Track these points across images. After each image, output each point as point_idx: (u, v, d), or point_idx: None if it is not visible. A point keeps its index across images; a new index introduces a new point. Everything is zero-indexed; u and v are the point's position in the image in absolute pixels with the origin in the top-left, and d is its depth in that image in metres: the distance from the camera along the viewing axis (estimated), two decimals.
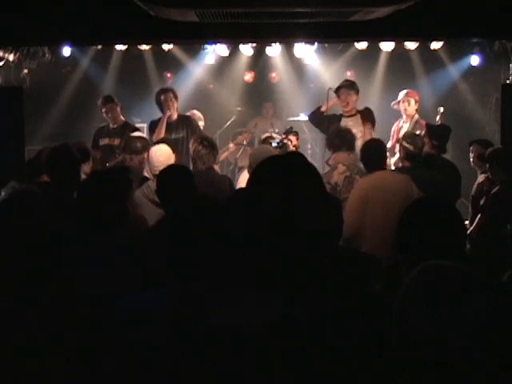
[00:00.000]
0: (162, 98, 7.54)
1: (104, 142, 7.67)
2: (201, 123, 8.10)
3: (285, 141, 6.52)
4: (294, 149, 6.60)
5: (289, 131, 6.84)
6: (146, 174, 6.06)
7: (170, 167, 4.52)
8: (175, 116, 7.56)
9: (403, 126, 8.03)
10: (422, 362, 1.63)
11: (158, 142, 6.34)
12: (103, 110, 7.66)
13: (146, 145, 6.31)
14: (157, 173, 4.89)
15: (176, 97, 7.61)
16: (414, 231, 2.53)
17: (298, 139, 6.96)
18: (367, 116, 7.65)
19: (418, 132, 7.01)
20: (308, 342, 1.67)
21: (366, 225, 5.22)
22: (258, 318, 1.67)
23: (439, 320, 1.60)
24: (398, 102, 8.04)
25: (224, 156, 9.06)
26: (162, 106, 7.52)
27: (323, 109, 7.78)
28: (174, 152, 5.88)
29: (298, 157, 1.95)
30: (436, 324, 1.60)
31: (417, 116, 7.99)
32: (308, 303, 1.70)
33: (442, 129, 6.78)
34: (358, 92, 7.70)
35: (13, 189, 4.29)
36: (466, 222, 6.09)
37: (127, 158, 6.31)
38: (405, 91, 8.06)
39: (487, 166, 6.15)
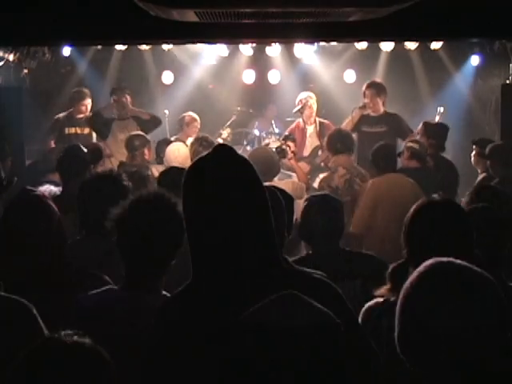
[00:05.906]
0: None
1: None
2: (196, 124, 8.12)
3: (283, 147, 6.52)
4: (292, 155, 6.60)
5: (287, 137, 6.83)
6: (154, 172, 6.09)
7: (171, 168, 4.55)
8: None
9: (307, 128, 8.14)
10: (424, 361, 1.62)
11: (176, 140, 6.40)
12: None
13: (145, 141, 6.44)
14: None
15: None
16: (422, 232, 2.51)
17: (296, 145, 6.97)
18: None
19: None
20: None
21: (377, 224, 5.32)
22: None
23: (444, 318, 1.58)
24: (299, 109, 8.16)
25: None
26: None
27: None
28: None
29: (227, 158, 1.98)
30: (440, 322, 1.59)
31: (317, 118, 8.11)
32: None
33: (440, 127, 6.75)
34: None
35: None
36: None
37: (129, 157, 6.37)
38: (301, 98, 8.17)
39: (488, 163, 6.10)
